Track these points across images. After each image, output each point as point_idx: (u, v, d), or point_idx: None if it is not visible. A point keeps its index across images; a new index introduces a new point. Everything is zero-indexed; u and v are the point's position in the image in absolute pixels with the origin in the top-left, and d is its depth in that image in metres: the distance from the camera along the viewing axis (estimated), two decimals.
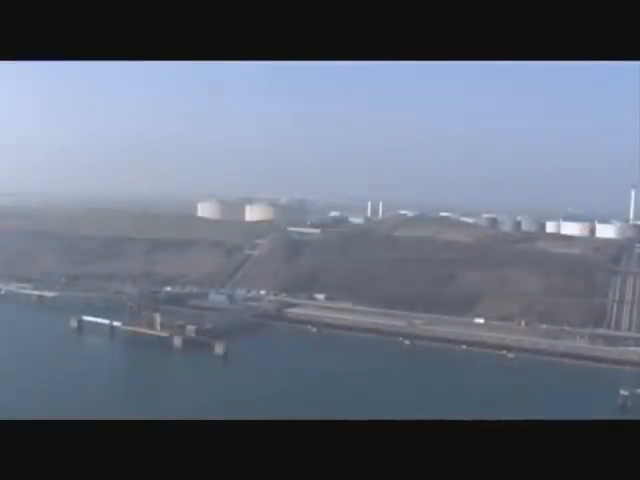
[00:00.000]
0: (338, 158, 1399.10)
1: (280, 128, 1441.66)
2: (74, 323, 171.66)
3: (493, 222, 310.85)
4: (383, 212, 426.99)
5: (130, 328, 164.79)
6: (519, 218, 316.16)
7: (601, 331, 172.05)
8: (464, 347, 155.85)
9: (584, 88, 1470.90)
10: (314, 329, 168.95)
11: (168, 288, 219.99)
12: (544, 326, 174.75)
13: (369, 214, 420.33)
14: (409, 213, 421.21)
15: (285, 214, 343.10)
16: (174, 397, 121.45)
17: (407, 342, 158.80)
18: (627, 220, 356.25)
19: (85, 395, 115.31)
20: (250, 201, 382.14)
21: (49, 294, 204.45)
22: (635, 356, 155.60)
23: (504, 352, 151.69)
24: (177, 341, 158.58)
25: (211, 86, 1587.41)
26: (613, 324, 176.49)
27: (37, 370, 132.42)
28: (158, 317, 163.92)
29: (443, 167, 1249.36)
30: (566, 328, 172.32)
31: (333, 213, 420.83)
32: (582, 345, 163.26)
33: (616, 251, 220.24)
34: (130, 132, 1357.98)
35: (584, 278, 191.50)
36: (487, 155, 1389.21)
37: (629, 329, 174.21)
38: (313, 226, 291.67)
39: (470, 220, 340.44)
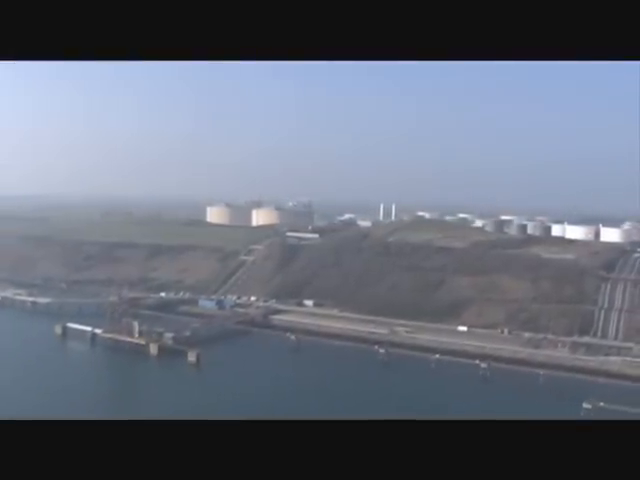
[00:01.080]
0: (352, 159, 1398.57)
1: (292, 128, 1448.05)
2: (59, 330, 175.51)
3: (500, 225, 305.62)
4: (396, 214, 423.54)
5: (109, 335, 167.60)
6: (527, 221, 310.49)
7: (585, 339, 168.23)
8: (437, 356, 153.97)
9: (589, 88, 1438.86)
10: (293, 337, 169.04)
11: (162, 294, 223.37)
12: (527, 334, 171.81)
13: (381, 217, 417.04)
14: (427, 215, 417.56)
15: (291, 218, 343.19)
16: (129, 402, 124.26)
17: (382, 351, 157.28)
18: None
19: (47, 398, 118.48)
20: (259, 205, 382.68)
21: (43, 300, 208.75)
22: (614, 366, 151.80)
23: (477, 362, 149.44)
24: (153, 349, 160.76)
25: (216, 86, 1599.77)
26: (600, 332, 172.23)
27: (11, 374, 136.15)
28: (136, 325, 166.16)
29: (461, 167, 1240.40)
30: (549, 336, 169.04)
31: (347, 215, 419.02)
32: (562, 355, 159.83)
33: (614, 255, 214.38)
34: (138, 133, 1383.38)
35: (573, 284, 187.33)
36: (505, 155, 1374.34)
37: (615, 337, 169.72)
38: (316, 230, 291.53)
39: (480, 222, 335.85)
